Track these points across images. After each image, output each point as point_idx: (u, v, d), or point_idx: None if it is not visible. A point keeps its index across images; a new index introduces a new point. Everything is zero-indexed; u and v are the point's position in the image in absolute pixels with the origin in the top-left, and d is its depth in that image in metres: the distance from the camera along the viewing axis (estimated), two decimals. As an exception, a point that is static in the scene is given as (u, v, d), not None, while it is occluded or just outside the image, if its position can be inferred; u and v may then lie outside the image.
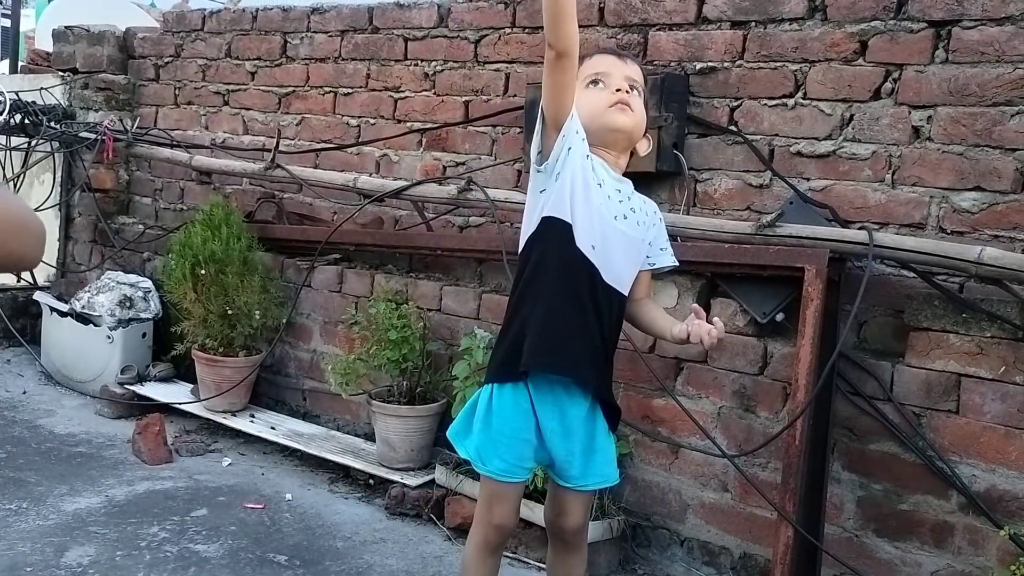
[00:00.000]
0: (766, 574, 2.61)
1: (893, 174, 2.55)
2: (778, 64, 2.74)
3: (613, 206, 1.88)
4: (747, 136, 2.79)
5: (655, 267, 2.02)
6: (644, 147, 2.01)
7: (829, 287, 2.48)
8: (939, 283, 2.44)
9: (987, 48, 2.41)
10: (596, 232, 1.85)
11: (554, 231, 1.84)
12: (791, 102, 2.72)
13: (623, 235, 1.89)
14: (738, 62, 2.81)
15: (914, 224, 2.52)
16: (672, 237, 2.78)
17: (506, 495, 1.96)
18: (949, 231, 2.47)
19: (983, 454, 2.33)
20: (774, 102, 2.75)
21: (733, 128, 2.81)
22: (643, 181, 2.88)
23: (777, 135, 2.75)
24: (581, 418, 1.93)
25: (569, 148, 1.81)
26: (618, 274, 1.90)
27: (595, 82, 1.90)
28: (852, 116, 2.62)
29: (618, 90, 1.88)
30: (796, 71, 2.71)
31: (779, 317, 2.63)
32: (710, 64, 2.84)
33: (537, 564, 2.73)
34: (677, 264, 2.06)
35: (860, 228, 2.55)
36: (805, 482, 2.47)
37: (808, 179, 2.69)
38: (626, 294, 1.95)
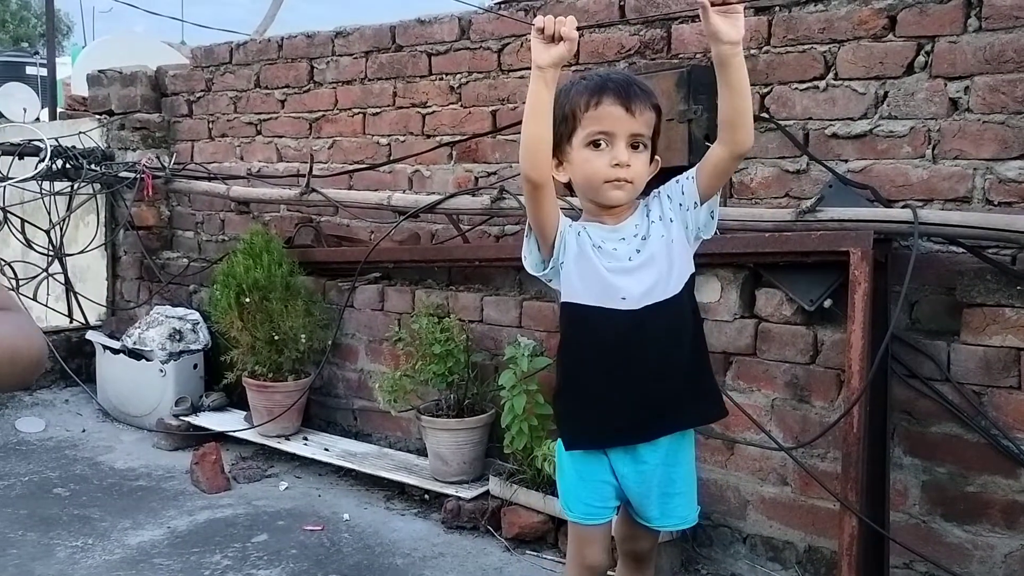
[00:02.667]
0: (833, 566, 2.55)
1: (933, 149, 2.49)
2: (806, 47, 2.69)
3: (621, 252, 1.80)
4: (780, 122, 2.74)
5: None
6: (648, 178, 1.84)
7: (876, 269, 2.43)
8: (990, 256, 2.38)
9: (1021, 12, 2.34)
10: (611, 283, 1.78)
11: (575, 308, 1.82)
12: (822, 84, 2.67)
13: (641, 266, 1.79)
14: (765, 48, 2.77)
15: (959, 198, 2.46)
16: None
17: (592, 538, 1.94)
18: (996, 202, 2.40)
19: (1050, 429, 2.26)
20: (805, 85, 2.71)
21: (765, 115, 2.77)
22: (675, 175, 2.85)
23: (811, 118, 2.70)
24: (656, 463, 1.87)
25: (564, 242, 1.79)
26: (663, 288, 1.79)
27: (596, 143, 1.75)
28: (886, 93, 2.56)
29: (616, 164, 1.73)
30: (825, 52, 2.66)
31: (827, 303, 2.58)
32: (736, 53, 2.80)
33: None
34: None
35: (904, 206, 2.49)
36: (866, 470, 2.41)
37: (846, 161, 2.64)
38: (678, 291, 1.80)
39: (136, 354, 4.18)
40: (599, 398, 1.84)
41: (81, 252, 4.81)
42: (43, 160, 4.46)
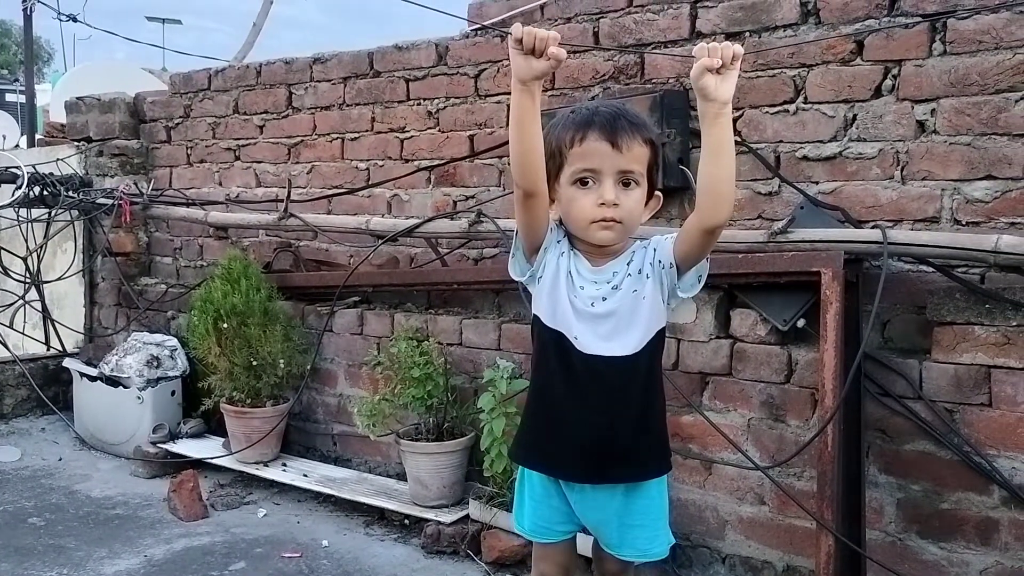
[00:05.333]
0: (811, 585, 2.56)
1: (902, 170, 2.54)
2: (776, 71, 2.74)
3: (586, 293, 1.76)
4: (751, 145, 2.79)
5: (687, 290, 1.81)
6: (647, 216, 1.80)
7: (848, 289, 2.46)
8: (959, 276, 2.41)
9: (984, 36, 2.39)
10: (571, 320, 1.77)
11: (539, 324, 1.82)
12: (792, 107, 2.72)
13: (601, 316, 1.75)
14: (736, 73, 2.81)
15: (928, 218, 2.50)
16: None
17: (544, 553, 1.99)
18: (964, 222, 2.44)
19: (1021, 445, 2.28)
20: (775, 109, 2.75)
21: (737, 138, 2.80)
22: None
23: (782, 141, 2.75)
24: (611, 494, 1.85)
25: (546, 258, 1.79)
26: (619, 345, 1.75)
27: (583, 181, 1.69)
28: (855, 116, 2.61)
29: (602, 204, 1.68)
30: (795, 76, 2.71)
31: (800, 323, 2.61)
32: (708, 77, 2.84)
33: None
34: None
35: (873, 227, 2.53)
36: (842, 488, 2.43)
37: (817, 182, 2.68)
38: (635, 351, 1.76)
39: (113, 381, 4.15)
40: (547, 426, 1.84)
41: (58, 279, 4.78)
42: (20, 187, 4.45)
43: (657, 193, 1.79)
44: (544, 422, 1.85)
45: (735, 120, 2.77)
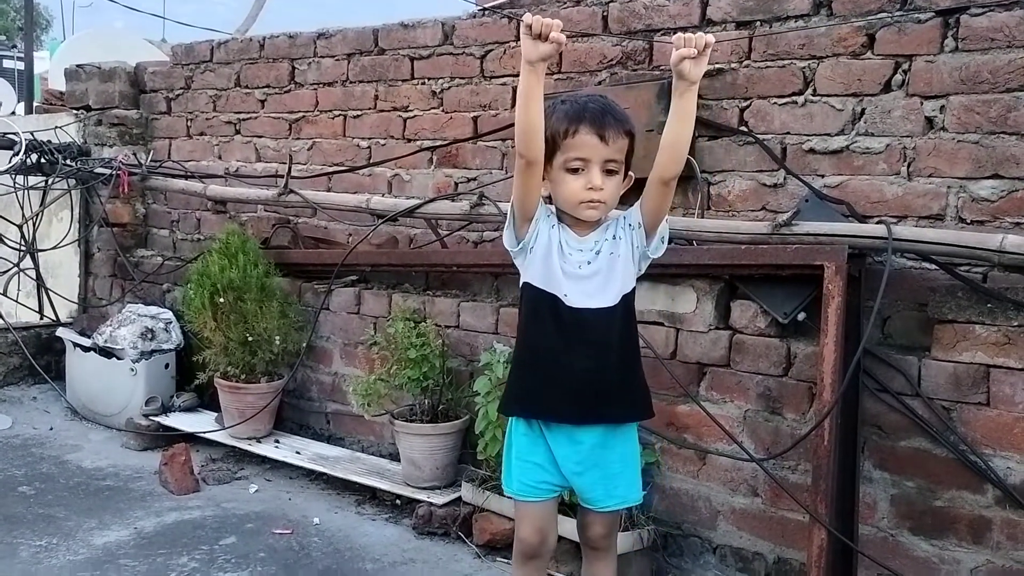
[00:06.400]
0: (801, 578, 2.57)
1: (908, 166, 2.52)
2: (786, 62, 2.72)
3: (575, 259, 2.01)
4: (758, 136, 2.77)
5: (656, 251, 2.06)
6: (622, 191, 2.04)
7: (850, 283, 2.45)
8: (962, 274, 2.41)
9: (997, 34, 2.37)
10: (562, 281, 2.01)
11: (532, 289, 2.05)
12: (801, 99, 2.70)
13: (587, 276, 2.01)
14: (745, 62, 2.79)
15: (933, 216, 2.49)
16: (688, 241, 2.79)
17: (526, 514, 2.12)
18: (969, 221, 2.43)
19: (1017, 445, 2.28)
20: (784, 100, 2.73)
21: (744, 129, 2.79)
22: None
23: (789, 133, 2.73)
24: (592, 444, 2.04)
25: (539, 230, 2.02)
26: (599, 298, 2.01)
27: (574, 170, 1.95)
28: (864, 110, 2.59)
29: (591, 188, 1.94)
30: (804, 68, 2.69)
31: (801, 317, 2.60)
32: (717, 66, 2.82)
33: (568, 578, 2.71)
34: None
35: (878, 222, 2.52)
36: (836, 483, 2.43)
37: (823, 176, 2.67)
38: (612, 303, 2.01)
39: (107, 352, 4.13)
40: (539, 376, 2.04)
41: (54, 248, 4.75)
42: (17, 154, 4.41)
43: (630, 173, 2.04)
44: (537, 372, 2.05)
45: (743, 110, 2.80)
